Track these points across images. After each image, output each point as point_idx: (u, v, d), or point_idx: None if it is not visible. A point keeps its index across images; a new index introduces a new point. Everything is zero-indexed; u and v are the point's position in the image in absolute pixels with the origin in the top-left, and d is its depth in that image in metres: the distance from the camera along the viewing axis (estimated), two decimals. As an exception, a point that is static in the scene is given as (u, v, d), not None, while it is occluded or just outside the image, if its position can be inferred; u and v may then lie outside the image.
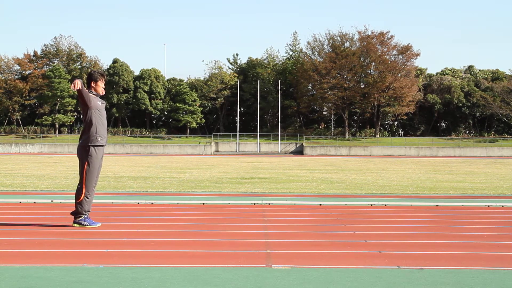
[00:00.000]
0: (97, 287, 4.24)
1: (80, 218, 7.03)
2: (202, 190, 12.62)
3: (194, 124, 74.72)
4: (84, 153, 7.08)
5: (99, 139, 7.08)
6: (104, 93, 7.34)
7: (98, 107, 7.11)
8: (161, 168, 24.06)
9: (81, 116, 7.33)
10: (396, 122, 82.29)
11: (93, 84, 7.18)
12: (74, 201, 7.20)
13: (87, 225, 7.01)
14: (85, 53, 78.58)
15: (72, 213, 7.15)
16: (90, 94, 7.08)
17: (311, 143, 67.19)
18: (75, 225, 7.04)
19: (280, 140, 66.97)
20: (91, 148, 7.06)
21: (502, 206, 9.74)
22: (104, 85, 7.36)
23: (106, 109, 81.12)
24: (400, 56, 73.61)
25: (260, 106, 72.85)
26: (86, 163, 7.05)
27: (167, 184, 14.21)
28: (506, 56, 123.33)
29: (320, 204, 9.70)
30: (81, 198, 7.04)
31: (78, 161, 7.15)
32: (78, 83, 6.74)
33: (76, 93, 6.95)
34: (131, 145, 64.21)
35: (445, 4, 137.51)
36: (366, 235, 6.59)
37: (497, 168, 26.51)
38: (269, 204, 9.72)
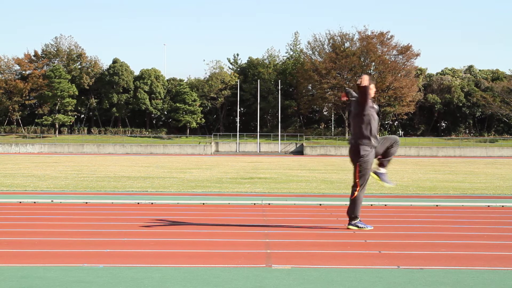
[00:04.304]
0: (97, 287, 4.24)
1: (356, 221, 7.12)
2: (202, 190, 12.62)
3: (194, 124, 74.68)
4: (357, 154, 7.05)
5: (372, 141, 7.03)
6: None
7: (372, 110, 7.07)
8: (161, 168, 24.05)
9: (350, 115, 7.18)
10: (396, 122, 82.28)
11: None
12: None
13: (363, 228, 7.07)
14: (85, 53, 78.51)
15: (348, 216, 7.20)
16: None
17: (311, 143, 67.17)
18: (351, 227, 7.10)
19: (280, 140, 66.94)
20: (364, 148, 7.02)
21: (502, 206, 9.74)
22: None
23: (106, 109, 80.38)
24: (400, 56, 73.56)
25: (260, 106, 72.83)
26: (358, 165, 7.06)
27: (167, 184, 14.21)
28: (506, 56, 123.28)
29: (320, 204, 9.70)
30: (354, 196, 7.10)
31: (352, 162, 7.13)
32: (367, 79, 6.73)
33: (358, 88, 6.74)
34: (131, 145, 64.19)
35: (445, 4, 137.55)
36: (366, 235, 6.59)
37: (497, 168, 26.50)
38: (269, 204, 9.72)
